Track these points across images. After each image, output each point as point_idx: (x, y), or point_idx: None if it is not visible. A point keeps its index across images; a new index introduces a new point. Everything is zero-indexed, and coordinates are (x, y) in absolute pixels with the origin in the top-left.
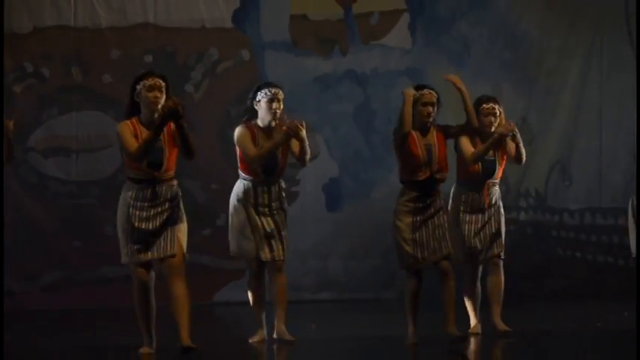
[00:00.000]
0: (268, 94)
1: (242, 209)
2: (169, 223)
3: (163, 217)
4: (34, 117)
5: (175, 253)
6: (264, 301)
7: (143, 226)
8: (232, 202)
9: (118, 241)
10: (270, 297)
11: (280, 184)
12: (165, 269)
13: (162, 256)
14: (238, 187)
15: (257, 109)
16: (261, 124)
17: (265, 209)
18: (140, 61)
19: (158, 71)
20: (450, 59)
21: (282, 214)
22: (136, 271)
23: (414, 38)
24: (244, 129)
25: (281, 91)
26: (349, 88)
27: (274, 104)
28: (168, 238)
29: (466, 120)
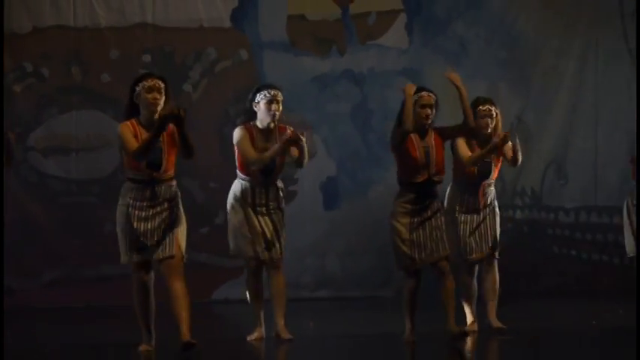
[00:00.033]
0: (267, 95)
1: (240, 209)
2: (168, 224)
3: (162, 217)
4: (34, 116)
5: (174, 254)
6: (263, 299)
7: (142, 226)
8: (230, 202)
9: (117, 240)
10: (268, 295)
11: (278, 185)
12: (164, 270)
13: (161, 257)
14: (236, 187)
15: (256, 110)
16: (260, 125)
17: (263, 209)
18: (139, 60)
19: (157, 72)
20: (447, 59)
21: (279, 213)
22: (135, 270)
23: (411, 38)
24: (243, 130)
25: (280, 92)
26: (347, 88)
27: (273, 106)
28: (167, 239)
29: (463, 120)
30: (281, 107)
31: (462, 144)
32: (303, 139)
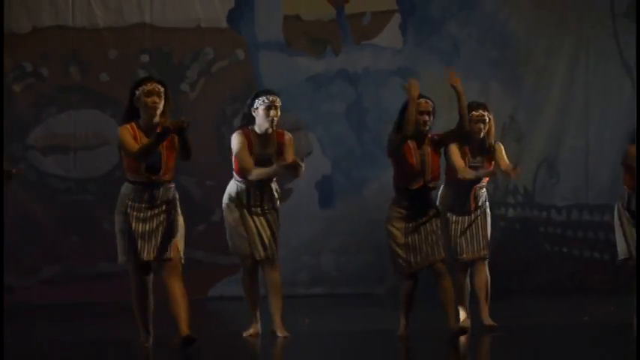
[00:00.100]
0: (266, 101)
1: (235, 209)
2: (166, 226)
3: (160, 219)
4: (33, 115)
5: (172, 256)
6: (258, 295)
7: (140, 227)
8: (225, 202)
9: (115, 237)
10: (263, 291)
11: (272, 186)
12: (163, 270)
13: (160, 259)
14: (231, 188)
15: (254, 115)
16: (258, 130)
17: (257, 209)
18: (137, 60)
19: (155, 72)
20: (440, 59)
21: (274, 213)
22: (135, 271)
23: (405, 38)
24: (241, 137)
25: (278, 98)
26: (341, 88)
27: (272, 112)
28: (166, 241)
29: (458, 123)
30: (279, 113)
31: (454, 150)
32: (303, 166)
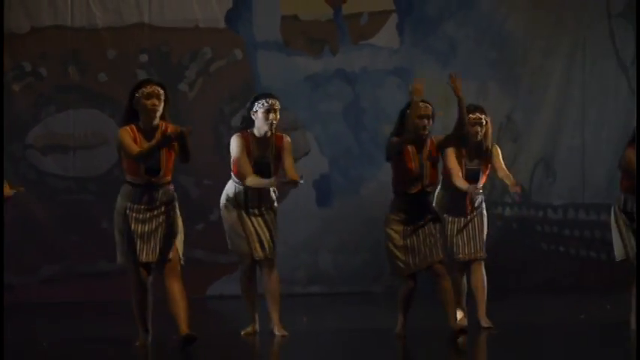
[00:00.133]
0: (265, 104)
1: (232, 209)
2: (166, 227)
3: (159, 220)
4: (33, 115)
5: (171, 258)
6: (256, 294)
7: (140, 228)
8: (223, 202)
9: (114, 236)
10: (261, 290)
11: (270, 188)
12: (162, 271)
13: (159, 260)
14: (229, 189)
15: (254, 118)
16: (257, 133)
17: (255, 210)
18: (135, 60)
19: (154, 72)
20: (437, 59)
21: (271, 213)
22: (135, 271)
23: (402, 38)
24: (240, 140)
25: (278, 101)
26: (339, 87)
27: (271, 115)
28: (165, 243)
29: (457, 125)
30: (278, 116)
31: (450, 155)
32: (301, 182)
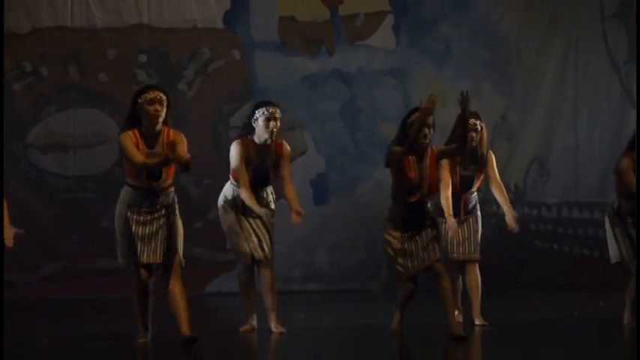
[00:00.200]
0: (266, 113)
1: (230, 210)
2: (166, 229)
3: (160, 222)
4: (33, 114)
5: (172, 259)
6: (254, 292)
7: (140, 230)
8: (220, 203)
9: (114, 234)
10: (259, 288)
11: (268, 190)
12: (163, 272)
13: (160, 261)
14: (227, 190)
15: (254, 126)
16: (257, 140)
17: (253, 212)
18: (135, 60)
19: (153, 72)
20: (433, 59)
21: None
22: (136, 271)
23: (398, 39)
24: (240, 147)
25: (278, 109)
26: (335, 87)
27: (271, 123)
28: (166, 245)
29: (457, 135)
30: (279, 124)
31: (445, 166)
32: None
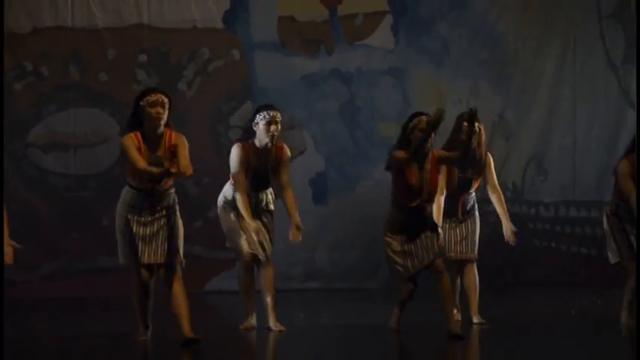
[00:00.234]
0: (267, 117)
1: (230, 210)
2: (167, 230)
3: (161, 223)
4: (34, 114)
5: (173, 260)
6: (254, 290)
7: (141, 230)
8: (220, 203)
9: (114, 233)
10: (258, 286)
11: (267, 192)
12: (164, 272)
13: (160, 262)
14: (227, 191)
15: (255, 130)
16: (257, 144)
17: (253, 213)
18: (135, 60)
19: (153, 71)
20: (431, 59)
21: (269, 216)
22: (137, 271)
23: (397, 39)
24: (241, 151)
25: (279, 113)
26: (335, 87)
27: (272, 127)
28: (166, 245)
29: (461, 151)
30: (280, 128)
31: (442, 171)
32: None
